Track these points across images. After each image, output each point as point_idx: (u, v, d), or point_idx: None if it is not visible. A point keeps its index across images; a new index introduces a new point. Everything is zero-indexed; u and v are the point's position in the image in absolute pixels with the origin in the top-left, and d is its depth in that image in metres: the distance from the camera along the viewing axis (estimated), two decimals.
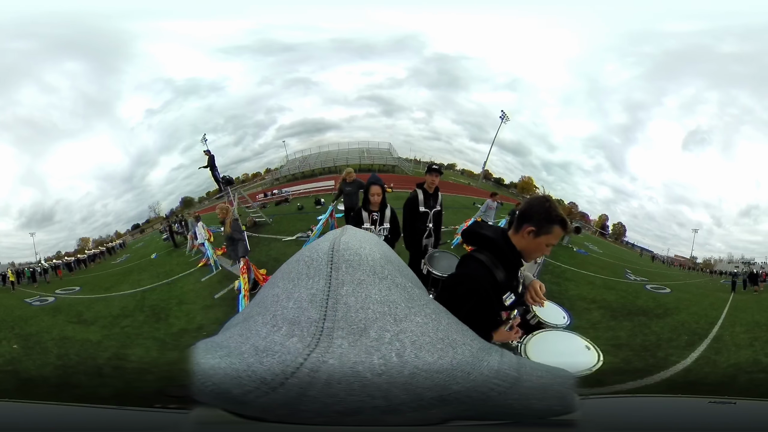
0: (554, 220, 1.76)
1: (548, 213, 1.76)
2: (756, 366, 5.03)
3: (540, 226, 1.76)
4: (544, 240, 1.77)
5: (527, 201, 1.90)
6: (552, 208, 1.78)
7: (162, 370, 4.58)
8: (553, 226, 1.76)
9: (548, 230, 1.76)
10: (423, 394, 0.49)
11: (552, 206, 1.79)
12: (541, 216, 1.76)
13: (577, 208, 9.82)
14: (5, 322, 6.10)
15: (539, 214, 1.76)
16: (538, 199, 1.84)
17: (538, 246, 1.79)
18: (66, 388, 4.52)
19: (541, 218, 1.76)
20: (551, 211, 1.76)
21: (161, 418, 1.11)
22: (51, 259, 8.16)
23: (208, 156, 8.55)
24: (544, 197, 1.84)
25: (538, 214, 1.77)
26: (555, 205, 1.81)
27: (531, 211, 1.79)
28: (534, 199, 1.87)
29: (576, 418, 0.62)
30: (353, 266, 0.55)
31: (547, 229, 1.76)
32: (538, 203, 1.80)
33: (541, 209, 1.77)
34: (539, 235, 1.76)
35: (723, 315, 6.38)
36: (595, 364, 2.05)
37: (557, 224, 1.76)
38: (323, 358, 0.47)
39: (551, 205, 1.79)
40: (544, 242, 1.78)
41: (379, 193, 3.99)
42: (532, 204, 1.82)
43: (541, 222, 1.75)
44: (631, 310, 6.24)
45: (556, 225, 1.76)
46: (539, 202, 1.81)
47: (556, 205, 1.82)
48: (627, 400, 2.41)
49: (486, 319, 1.84)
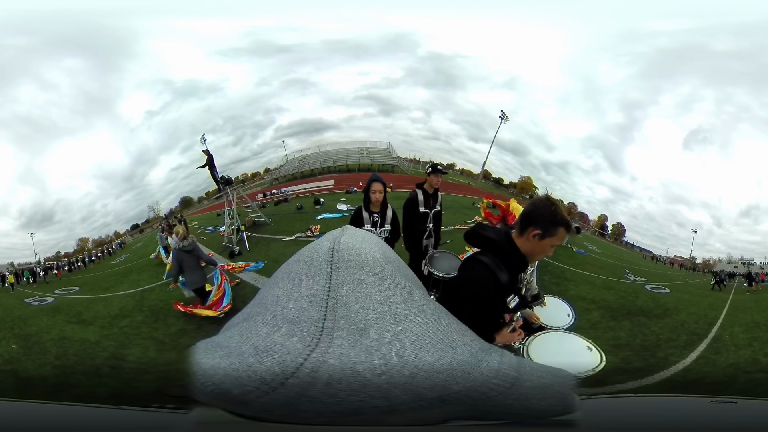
0: (559, 223, 1.76)
1: (553, 216, 1.75)
2: (755, 366, 5.03)
3: (545, 229, 1.75)
4: (548, 242, 1.77)
5: (532, 203, 1.89)
6: (557, 211, 1.78)
7: (160, 370, 4.58)
8: (558, 228, 1.76)
9: (553, 233, 1.76)
10: (423, 394, 0.49)
11: (557, 209, 1.78)
12: (547, 219, 1.75)
13: (577, 209, 9.82)
14: (4, 322, 6.09)
15: (544, 217, 1.76)
16: (542, 202, 1.83)
17: (543, 248, 1.79)
18: (65, 388, 4.52)
19: (547, 221, 1.75)
20: (556, 214, 1.76)
21: (160, 417, 1.11)
22: (51, 260, 8.15)
23: (207, 156, 8.54)
24: (548, 200, 1.84)
25: (543, 217, 1.76)
26: (560, 207, 1.81)
27: (536, 214, 1.78)
28: (538, 201, 1.86)
29: (576, 418, 0.61)
30: (353, 266, 0.54)
31: (552, 232, 1.75)
32: (543, 206, 1.79)
33: (546, 212, 1.76)
34: (544, 238, 1.76)
35: (722, 315, 6.39)
36: (598, 365, 2.05)
37: (562, 227, 1.76)
38: (323, 358, 0.47)
39: (556, 208, 1.79)
40: (549, 244, 1.78)
41: (380, 190, 3.87)
42: (537, 206, 1.81)
43: (547, 225, 1.75)
44: (631, 310, 6.23)
45: (561, 227, 1.76)
46: (544, 204, 1.80)
47: (561, 207, 1.82)
48: (627, 400, 2.41)
49: (488, 322, 1.84)
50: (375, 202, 3.90)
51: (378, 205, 3.93)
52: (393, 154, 11.31)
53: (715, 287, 7.91)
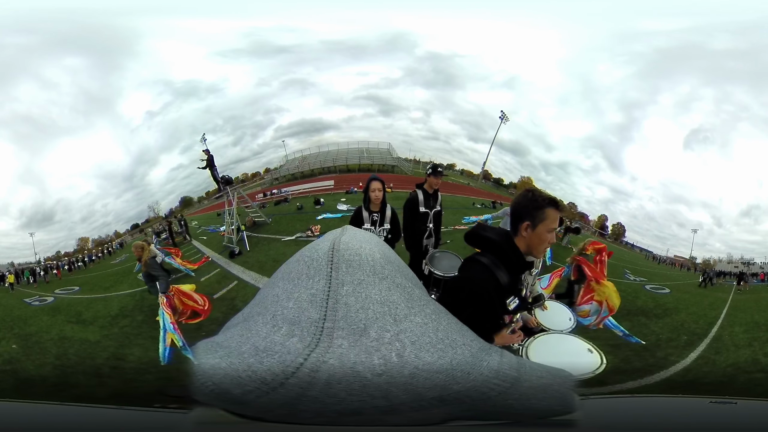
0: (542, 204, 1.74)
1: (534, 200, 1.75)
2: (755, 366, 5.03)
3: (533, 217, 1.74)
4: (542, 228, 1.74)
5: (513, 201, 1.89)
6: (536, 194, 1.78)
7: (160, 370, 4.57)
8: (543, 210, 1.74)
9: (542, 216, 1.74)
10: (423, 394, 0.49)
11: (535, 193, 1.79)
12: (529, 206, 1.75)
13: (577, 209, 9.82)
14: (4, 321, 6.08)
15: (526, 206, 1.76)
16: (521, 194, 1.84)
17: (539, 237, 1.76)
18: (65, 388, 4.52)
19: (530, 208, 1.75)
20: (536, 197, 1.76)
21: (160, 417, 1.11)
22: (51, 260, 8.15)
23: (207, 155, 8.54)
24: (525, 189, 1.85)
25: (525, 207, 1.76)
26: (538, 190, 1.82)
27: (519, 207, 1.79)
28: (517, 195, 1.87)
29: (576, 418, 0.62)
30: (353, 266, 0.54)
31: (541, 216, 1.74)
32: (522, 197, 1.81)
33: (525, 201, 1.77)
34: (536, 226, 1.74)
35: (722, 315, 6.39)
36: (598, 367, 2.04)
37: (547, 206, 1.74)
38: (323, 358, 0.47)
39: (534, 192, 1.79)
40: (543, 230, 1.75)
41: (379, 188, 3.89)
42: (518, 201, 1.82)
43: (532, 212, 1.74)
44: (631, 310, 6.23)
45: (546, 208, 1.74)
46: (522, 195, 1.81)
47: (540, 190, 1.82)
48: (627, 400, 2.42)
49: (487, 323, 1.82)
50: (374, 201, 3.92)
51: (377, 205, 3.96)
52: (393, 154, 11.31)
53: (702, 284, 8.00)
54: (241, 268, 7.29)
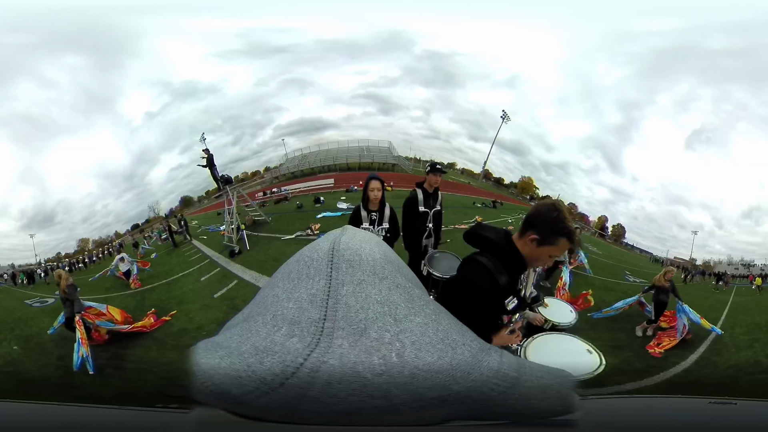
0: (561, 232, 1.62)
1: (555, 223, 1.63)
2: (756, 367, 5.02)
3: (544, 236, 1.64)
4: (547, 251, 1.66)
5: (535, 206, 1.76)
6: (560, 218, 1.63)
7: (162, 369, 4.59)
8: (558, 238, 1.63)
9: (553, 242, 1.64)
10: (423, 395, 0.49)
11: (561, 216, 1.63)
12: (546, 225, 1.64)
13: (577, 209, 9.80)
14: (5, 323, 6.10)
15: (545, 223, 1.64)
16: (546, 206, 1.69)
17: (539, 255, 1.69)
18: (67, 389, 4.53)
19: (546, 228, 1.64)
20: (559, 221, 1.62)
21: (162, 417, 1.11)
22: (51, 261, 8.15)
23: (207, 155, 8.54)
24: (554, 205, 1.69)
25: (543, 222, 1.65)
26: (565, 214, 1.64)
27: (537, 218, 1.67)
28: (543, 205, 1.72)
29: (576, 418, 0.62)
30: (353, 266, 0.55)
31: (552, 241, 1.64)
32: (546, 210, 1.66)
33: (547, 218, 1.64)
34: (542, 245, 1.65)
35: (723, 316, 6.38)
36: (598, 368, 2.04)
37: (564, 237, 1.63)
38: (323, 358, 0.47)
39: (560, 215, 1.63)
40: (546, 253, 1.67)
41: (378, 188, 3.87)
42: (540, 210, 1.69)
43: (545, 232, 1.64)
44: (631, 312, 6.23)
45: (562, 238, 1.63)
46: (547, 209, 1.66)
47: (567, 214, 1.65)
48: (627, 400, 2.42)
49: (486, 323, 1.80)
50: (373, 200, 3.91)
51: (376, 204, 3.95)
52: (393, 152, 11.31)
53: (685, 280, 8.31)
54: (241, 267, 7.30)
